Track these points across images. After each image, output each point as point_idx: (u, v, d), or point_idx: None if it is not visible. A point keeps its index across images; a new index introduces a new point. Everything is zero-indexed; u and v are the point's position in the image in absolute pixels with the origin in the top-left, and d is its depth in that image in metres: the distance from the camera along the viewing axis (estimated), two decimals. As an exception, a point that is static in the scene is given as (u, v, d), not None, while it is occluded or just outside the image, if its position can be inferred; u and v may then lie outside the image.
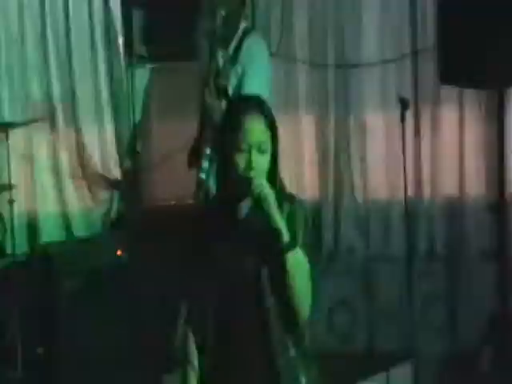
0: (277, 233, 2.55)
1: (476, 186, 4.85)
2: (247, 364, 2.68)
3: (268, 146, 2.62)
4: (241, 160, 2.59)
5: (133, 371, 4.79)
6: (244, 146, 2.58)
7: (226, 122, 2.70)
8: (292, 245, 2.58)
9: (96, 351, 4.79)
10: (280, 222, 2.56)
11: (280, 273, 2.58)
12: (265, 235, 2.58)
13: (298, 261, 2.59)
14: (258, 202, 2.57)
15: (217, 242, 2.68)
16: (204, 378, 2.75)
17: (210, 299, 2.68)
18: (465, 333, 4.92)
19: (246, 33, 4.16)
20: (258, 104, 2.66)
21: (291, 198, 2.72)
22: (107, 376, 4.77)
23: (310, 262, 2.67)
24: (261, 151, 2.60)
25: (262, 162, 2.60)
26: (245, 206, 2.66)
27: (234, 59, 4.14)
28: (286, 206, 2.67)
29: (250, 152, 2.58)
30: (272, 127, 2.63)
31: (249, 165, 2.58)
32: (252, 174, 2.58)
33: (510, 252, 4.53)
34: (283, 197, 2.70)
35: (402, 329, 4.97)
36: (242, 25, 4.20)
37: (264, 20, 5.05)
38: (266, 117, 2.63)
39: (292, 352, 2.70)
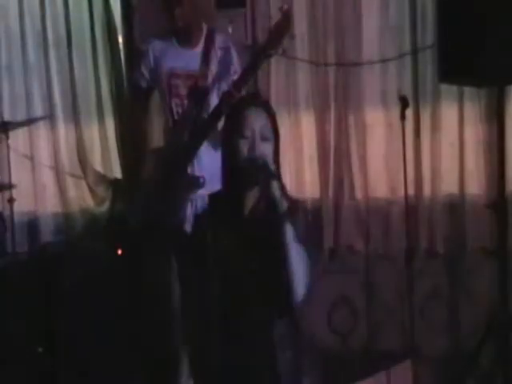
0: (275, 202, 2.64)
1: (476, 184, 4.85)
2: (248, 362, 2.69)
3: (270, 135, 2.74)
4: (245, 146, 2.69)
5: (132, 372, 4.81)
6: (248, 133, 2.69)
7: (230, 113, 2.87)
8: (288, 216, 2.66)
9: (95, 351, 4.81)
10: (277, 193, 2.66)
11: (280, 247, 2.65)
12: (271, 225, 2.64)
13: (292, 234, 2.67)
14: (263, 180, 2.63)
15: (223, 234, 2.71)
16: (204, 377, 2.76)
17: (211, 293, 2.70)
18: (465, 331, 4.92)
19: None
20: (258, 98, 2.97)
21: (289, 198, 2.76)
22: (107, 376, 4.78)
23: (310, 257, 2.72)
24: (264, 138, 2.72)
25: (265, 148, 2.72)
26: (251, 196, 2.71)
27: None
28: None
29: (253, 138, 2.70)
30: (272, 120, 2.78)
31: (252, 149, 2.69)
32: (255, 155, 2.69)
33: (510, 250, 4.52)
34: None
35: (402, 327, 4.97)
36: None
37: (263, 19, 5.04)
38: (266, 110, 2.78)
39: (293, 350, 2.72)
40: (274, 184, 2.65)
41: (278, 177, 2.72)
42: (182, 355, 4.23)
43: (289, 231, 2.64)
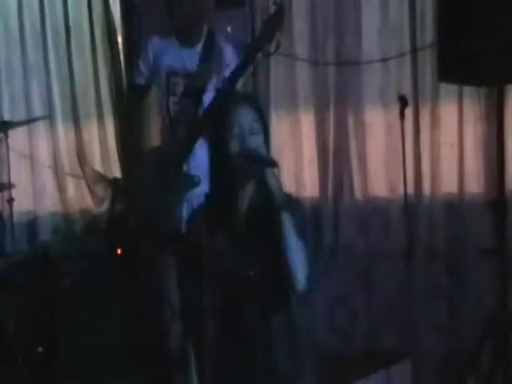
0: (272, 190, 2.69)
1: (476, 184, 4.84)
2: (248, 362, 2.69)
3: (259, 128, 2.78)
4: (236, 141, 2.72)
5: (132, 372, 4.81)
6: (236, 130, 2.73)
7: (219, 110, 2.89)
8: (285, 206, 2.69)
9: (95, 351, 4.81)
10: (275, 183, 2.70)
11: (278, 237, 2.67)
12: (268, 214, 2.66)
13: (289, 222, 2.69)
14: (257, 169, 2.68)
15: (220, 232, 2.73)
16: (203, 378, 2.76)
17: (209, 295, 2.70)
18: (464, 331, 4.91)
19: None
20: (246, 95, 3.19)
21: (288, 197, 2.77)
22: (107, 376, 4.78)
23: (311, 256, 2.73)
24: (253, 133, 2.75)
25: (255, 141, 2.75)
26: (247, 189, 2.72)
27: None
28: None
29: (242, 133, 2.73)
30: (260, 113, 2.83)
31: (243, 143, 2.72)
32: (246, 148, 2.72)
33: (509, 250, 4.52)
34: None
35: (401, 327, 4.97)
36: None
37: (262, 19, 5.04)
38: (255, 106, 2.83)
39: (293, 350, 2.72)
40: (269, 171, 2.67)
41: (273, 163, 2.73)
42: (181, 354, 4.23)
43: (286, 220, 2.66)
